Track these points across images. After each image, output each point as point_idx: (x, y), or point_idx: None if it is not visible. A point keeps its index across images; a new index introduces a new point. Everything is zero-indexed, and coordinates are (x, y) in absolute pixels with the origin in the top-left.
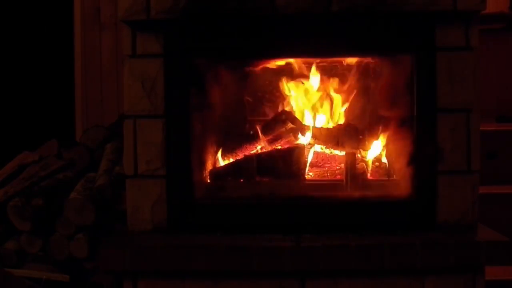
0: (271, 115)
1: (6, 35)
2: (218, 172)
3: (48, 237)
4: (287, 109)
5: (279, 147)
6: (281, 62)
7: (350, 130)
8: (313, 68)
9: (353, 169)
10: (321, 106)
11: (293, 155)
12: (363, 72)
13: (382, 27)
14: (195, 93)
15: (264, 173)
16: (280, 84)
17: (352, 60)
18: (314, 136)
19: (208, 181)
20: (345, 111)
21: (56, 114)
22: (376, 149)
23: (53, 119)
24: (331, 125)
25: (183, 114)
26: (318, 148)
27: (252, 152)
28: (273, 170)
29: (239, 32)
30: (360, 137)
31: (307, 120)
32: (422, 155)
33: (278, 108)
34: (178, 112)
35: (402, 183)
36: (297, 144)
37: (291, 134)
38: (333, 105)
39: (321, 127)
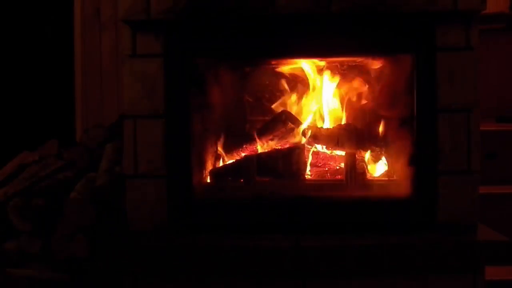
0: (271, 115)
1: (6, 35)
2: (218, 172)
3: (48, 237)
4: (287, 109)
5: (279, 147)
6: (281, 62)
7: (350, 130)
8: (313, 68)
9: (353, 169)
10: (322, 106)
11: (293, 155)
12: (364, 72)
13: (382, 27)
14: (195, 93)
15: (264, 173)
16: (281, 84)
17: (352, 60)
18: (314, 136)
19: (208, 181)
20: (345, 111)
21: (56, 114)
22: (376, 149)
23: (53, 119)
24: (331, 125)
25: (183, 114)
26: (318, 148)
27: (252, 152)
28: (273, 170)
29: (239, 32)
30: (360, 137)
31: (307, 120)
32: (422, 155)
33: (278, 108)
34: (178, 112)
35: (402, 183)
36: (297, 144)
37: (291, 134)
38: (334, 105)
39: (321, 127)
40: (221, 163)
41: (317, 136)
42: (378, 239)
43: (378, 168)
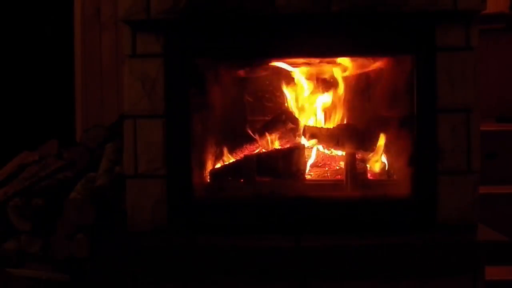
0: (271, 115)
1: (6, 35)
2: (218, 172)
3: (48, 237)
4: (287, 109)
5: (279, 147)
6: (281, 62)
7: (351, 130)
8: (314, 68)
9: (353, 169)
10: (322, 106)
11: (293, 155)
12: (363, 72)
13: (382, 27)
14: (195, 93)
15: (264, 173)
16: (281, 84)
17: (352, 60)
18: (314, 136)
19: (208, 181)
20: (345, 111)
21: (56, 114)
22: (376, 149)
23: (53, 119)
24: (331, 124)
25: (183, 114)
26: (318, 148)
27: (252, 152)
28: (273, 170)
29: (239, 32)
30: (360, 137)
31: (308, 120)
32: (422, 155)
33: (278, 108)
34: (178, 112)
35: (402, 183)
36: (297, 144)
37: (291, 134)
38: (334, 105)
39: (322, 127)
40: (221, 163)
41: (317, 136)
42: (378, 239)
43: (378, 168)
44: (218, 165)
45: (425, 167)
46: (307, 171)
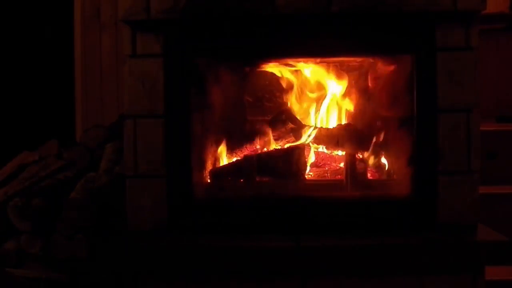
0: (271, 115)
1: (6, 35)
2: (218, 172)
3: (48, 237)
4: (287, 109)
5: (279, 147)
6: (281, 62)
7: (351, 131)
8: (314, 68)
9: (353, 169)
10: (322, 106)
11: (293, 155)
12: (363, 72)
13: (382, 27)
14: (195, 93)
15: (264, 173)
16: (281, 84)
17: (352, 60)
18: (314, 136)
19: (208, 181)
20: (345, 111)
21: (56, 114)
22: (376, 149)
23: (53, 119)
24: (330, 124)
25: (183, 114)
26: (318, 148)
27: (252, 152)
28: (273, 170)
29: (239, 32)
30: (360, 137)
31: (308, 120)
32: (422, 155)
33: (278, 108)
34: (178, 112)
35: (402, 183)
36: (297, 144)
37: (291, 134)
38: (334, 105)
39: (322, 127)
40: (221, 163)
41: (317, 136)
42: (378, 239)
43: (378, 168)
44: (218, 165)
45: (425, 167)
46: (307, 171)
